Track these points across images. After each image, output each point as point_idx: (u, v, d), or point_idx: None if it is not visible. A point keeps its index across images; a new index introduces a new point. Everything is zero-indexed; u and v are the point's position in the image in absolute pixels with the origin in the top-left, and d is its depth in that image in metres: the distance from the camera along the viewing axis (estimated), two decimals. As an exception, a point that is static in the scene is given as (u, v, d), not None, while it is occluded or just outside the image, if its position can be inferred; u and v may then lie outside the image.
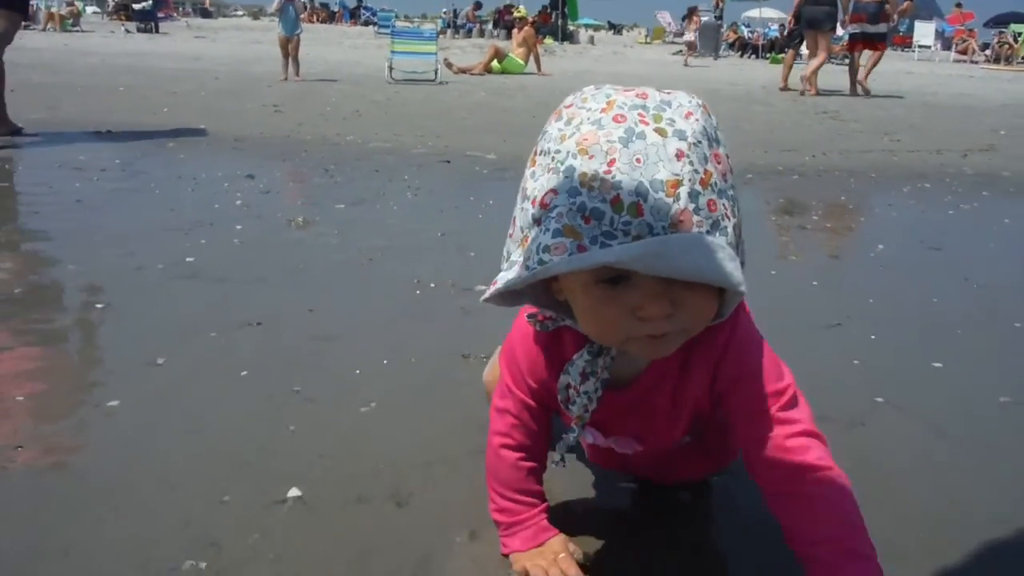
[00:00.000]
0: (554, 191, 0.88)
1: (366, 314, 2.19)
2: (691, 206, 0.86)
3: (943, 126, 8.06)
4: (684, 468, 1.34)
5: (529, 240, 0.90)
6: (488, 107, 8.21)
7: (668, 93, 0.93)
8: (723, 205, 0.90)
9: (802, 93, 10.80)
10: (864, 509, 1.00)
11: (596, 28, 44.32)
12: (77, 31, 22.99)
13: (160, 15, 26.50)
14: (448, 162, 4.90)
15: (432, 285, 2.42)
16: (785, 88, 11.55)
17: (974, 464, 1.52)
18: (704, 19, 25.89)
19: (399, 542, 1.20)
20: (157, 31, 23.80)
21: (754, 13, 32.32)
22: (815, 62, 10.98)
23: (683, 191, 0.86)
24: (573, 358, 1.07)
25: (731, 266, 0.88)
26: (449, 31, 26.36)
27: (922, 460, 1.52)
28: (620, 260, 0.85)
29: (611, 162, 0.86)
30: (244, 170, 4.24)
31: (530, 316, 1.10)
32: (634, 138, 0.87)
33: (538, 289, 1.02)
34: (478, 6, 28.59)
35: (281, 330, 2.03)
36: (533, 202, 0.90)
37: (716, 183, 0.89)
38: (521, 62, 14.03)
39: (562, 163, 0.88)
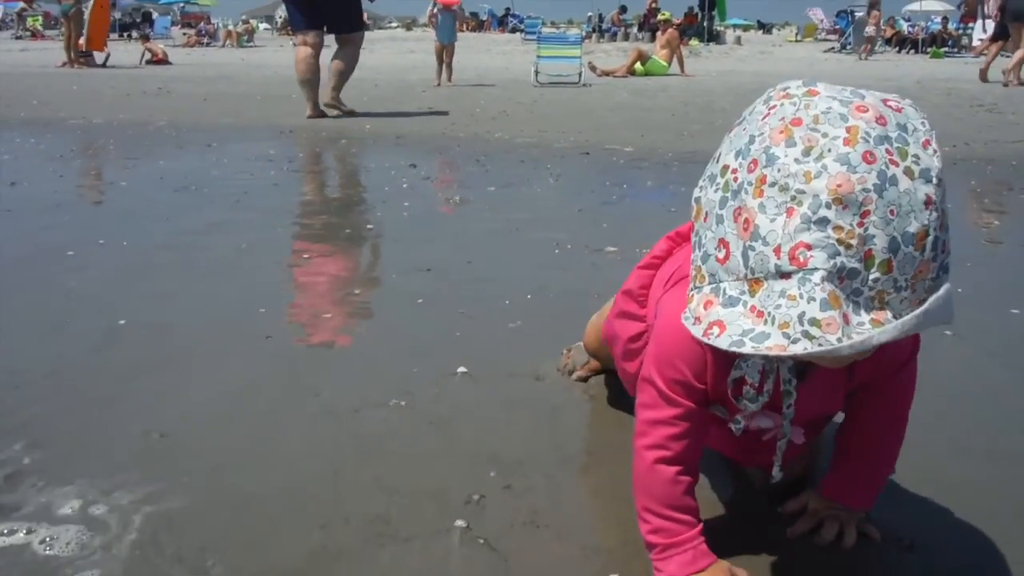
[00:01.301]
0: (808, 246, 0.82)
1: (513, 265, 2.65)
2: (931, 255, 0.84)
3: (1118, 113, 7.74)
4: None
5: (766, 289, 0.85)
6: (629, 107, 8.54)
7: (898, 110, 0.89)
8: (947, 242, 0.87)
9: (1005, 85, 10.71)
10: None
11: (745, 28, 43.46)
12: (251, 46, 24.95)
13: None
14: (587, 154, 5.32)
15: (568, 246, 2.85)
16: (985, 80, 11.34)
17: (1018, 376, 1.80)
18: (858, 14, 25.08)
19: (537, 400, 1.64)
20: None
21: (915, 6, 30.97)
22: (1019, 54, 10.82)
23: (928, 242, 0.83)
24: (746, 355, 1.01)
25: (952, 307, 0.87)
26: (594, 35, 26.72)
27: (969, 372, 1.82)
28: (893, 338, 0.82)
29: (865, 213, 0.82)
30: (407, 160, 4.83)
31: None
32: (887, 185, 0.82)
33: None
34: (623, 10, 28.81)
35: (447, 274, 2.53)
36: (777, 251, 0.84)
37: (946, 220, 0.87)
38: (664, 64, 14.20)
39: (814, 212, 0.82)
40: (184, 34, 28.55)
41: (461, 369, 1.77)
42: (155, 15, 32.43)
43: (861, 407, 1.18)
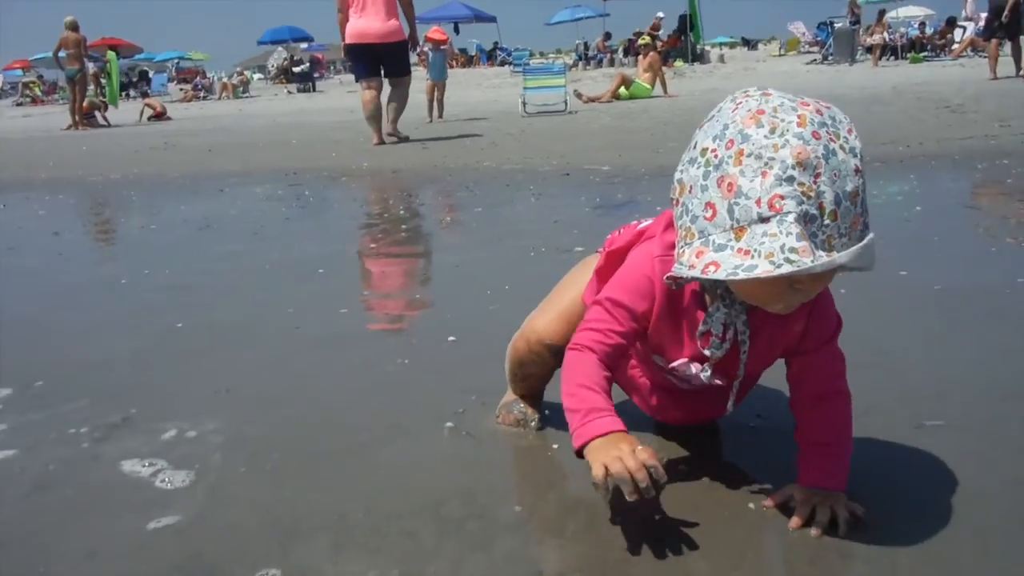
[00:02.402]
0: (781, 196, 1.05)
1: (494, 265, 3.15)
2: (860, 210, 1.09)
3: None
4: (710, 410, 1.52)
5: (749, 233, 1.07)
6: (612, 129, 9.04)
7: (828, 107, 1.14)
8: (866, 202, 1.12)
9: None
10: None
11: (732, 45, 44.12)
12: (247, 97, 25.62)
13: (316, 75, 29.06)
14: (567, 175, 5.83)
15: (543, 249, 3.35)
16: (995, 78, 12.30)
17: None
18: (837, 25, 25.68)
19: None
20: (314, 90, 26.19)
21: (893, 14, 31.60)
22: None
23: (859, 200, 1.09)
24: (710, 311, 1.27)
25: None
26: (580, 63, 27.40)
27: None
28: (847, 262, 1.06)
29: (817, 175, 1.06)
30: (403, 191, 5.36)
31: (668, 278, 1.23)
32: (831, 155, 1.07)
33: None
34: (608, 36, 29.52)
35: (438, 274, 3.04)
36: (758, 202, 1.06)
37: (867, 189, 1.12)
38: (647, 86, 14.62)
39: (784, 172, 1.06)
40: (181, 89, 29.31)
41: (451, 338, 2.26)
42: (151, 73, 33.26)
43: (806, 389, 1.34)
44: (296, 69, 28.41)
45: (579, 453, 1.25)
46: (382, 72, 8.37)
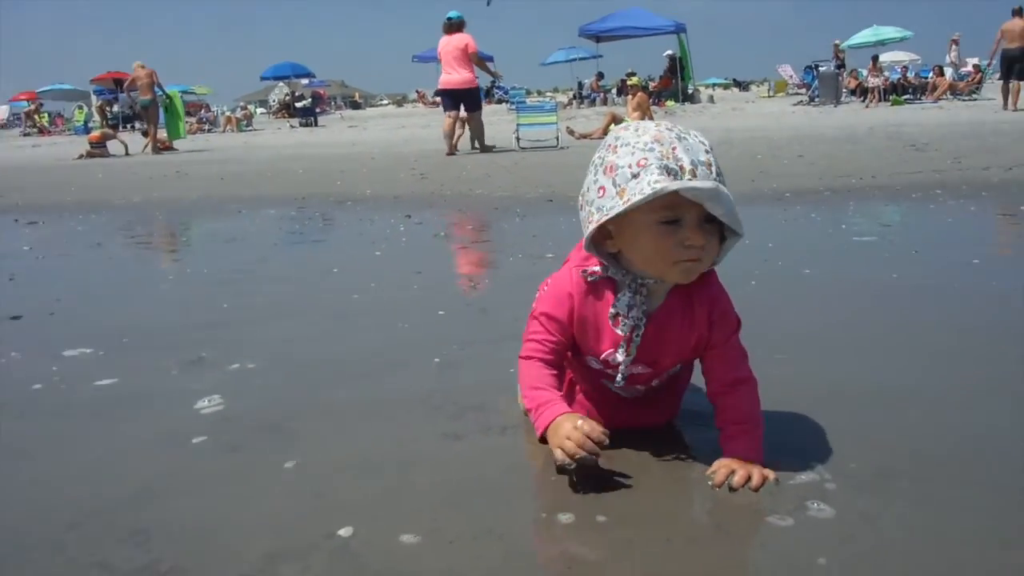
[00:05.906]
0: (645, 158, 1.39)
1: (476, 266, 3.80)
2: (718, 179, 1.40)
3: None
4: (650, 414, 1.76)
5: (628, 189, 1.39)
6: (596, 163, 9.63)
7: (690, 131, 1.46)
8: (721, 172, 1.42)
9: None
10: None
11: (724, 86, 45.11)
12: (250, 130, 26.30)
13: (317, 110, 29.78)
14: (551, 201, 6.46)
15: (520, 256, 4.00)
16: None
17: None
18: (822, 68, 26.56)
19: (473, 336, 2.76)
20: (316, 124, 26.88)
21: (885, 57, 32.47)
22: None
23: (713, 169, 1.40)
24: (619, 296, 1.54)
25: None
26: (575, 101, 28.28)
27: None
28: (697, 189, 1.36)
29: (674, 148, 1.39)
30: (403, 213, 6.01)
31: (583, 271, 1.58)
32: (683, 138, 1.42)
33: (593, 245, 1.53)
34: (601, 76, 30.47)
35: (429, 276, 3.68)
36: (629, 166, 1.39)
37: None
38: (636, 125, 15.29)
39: (646, 146, 1.39)
40: (186, 122, 29.98)
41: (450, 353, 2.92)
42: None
43: (718, 378, 1.62)
44: (299, 104, 29.16)
45: (542, 440, 1.58)
46: (461, 107, 11.97)
